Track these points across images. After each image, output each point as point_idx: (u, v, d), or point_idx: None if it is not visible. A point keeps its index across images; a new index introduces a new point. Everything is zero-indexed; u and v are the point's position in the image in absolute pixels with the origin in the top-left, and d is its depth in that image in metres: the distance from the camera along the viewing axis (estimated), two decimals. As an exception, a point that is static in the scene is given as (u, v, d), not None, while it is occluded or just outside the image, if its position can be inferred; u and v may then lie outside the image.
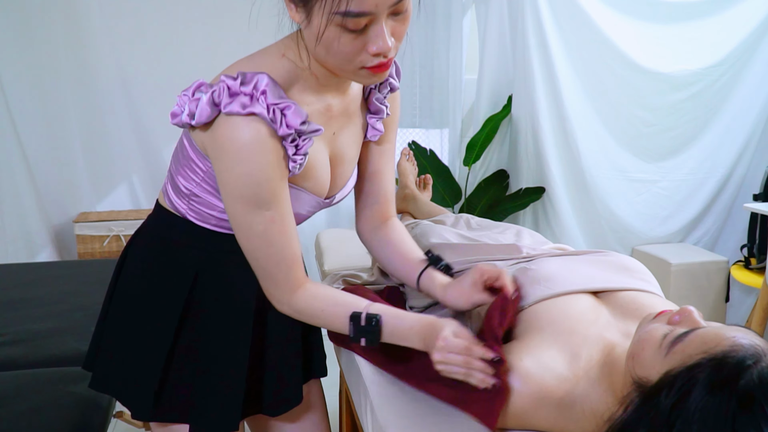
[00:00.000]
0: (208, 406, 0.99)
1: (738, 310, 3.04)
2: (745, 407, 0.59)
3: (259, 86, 0.82)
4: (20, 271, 2.02)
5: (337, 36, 0.78)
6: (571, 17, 2.78)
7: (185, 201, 0.96)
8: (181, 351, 0.99)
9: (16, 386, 1.25)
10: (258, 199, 0.86)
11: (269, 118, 0.82)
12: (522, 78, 2.88)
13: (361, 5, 0.74)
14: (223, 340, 1.00)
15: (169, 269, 1.00)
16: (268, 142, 0.83)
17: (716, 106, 3.00)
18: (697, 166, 3.06)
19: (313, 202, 0.99)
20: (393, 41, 0.80)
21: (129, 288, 1.04)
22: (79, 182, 2.82)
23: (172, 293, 0.99)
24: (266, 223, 0.87)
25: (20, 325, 1.57)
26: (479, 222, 1.60)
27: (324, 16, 0.76)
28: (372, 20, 0.77)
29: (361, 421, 1.09)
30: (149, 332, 0.99)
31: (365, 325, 0.91)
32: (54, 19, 2.63)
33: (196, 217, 0.97)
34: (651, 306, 0.98)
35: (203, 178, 0.92)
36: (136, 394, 1.01)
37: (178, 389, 1.00)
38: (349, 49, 0.79)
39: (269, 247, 0.89)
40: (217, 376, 0.99)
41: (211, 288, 1.00)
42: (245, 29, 2.87)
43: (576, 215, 3.00)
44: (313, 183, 0.96)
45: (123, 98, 2.78)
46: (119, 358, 1.02)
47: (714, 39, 2.91)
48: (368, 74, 0.84)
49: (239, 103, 0.81)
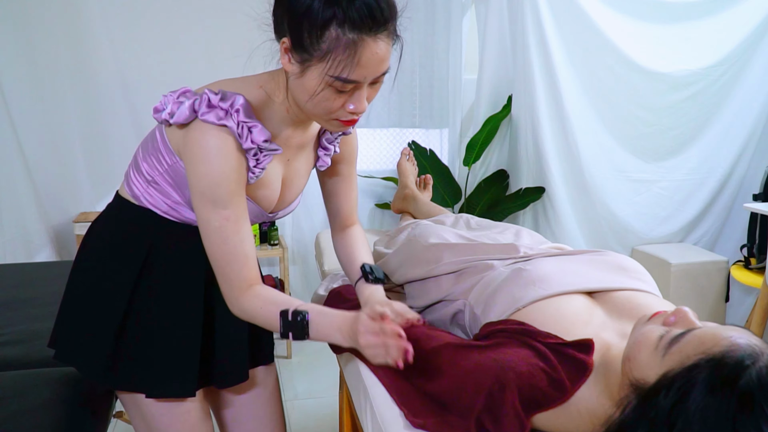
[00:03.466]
0: (164, 372, 1.09)
1: (738, 310, 3.05)
2: (745, 407, 0.59)
3: (235, 104, 0.95)
4: (20, 271, 2.02)
5: (328, 95, 0.92)
6: (571, 17, 2.78)
7: (144, 184, 1.08)
8: (135, 317, 1.08)
9: (15, 386, 1.25)
10: (216, 197, 0.97)
11: (237, 133, 0.96)
12: (522, 78, 2.88)
13: (355, 75, 0.89)
14: (176, 308, 1.10)
15: (124, 244, 1.11)
16: (233, 151, 0.96)
17: (716, 106, 3.00)
18: (696, 166, 3.06)
19: (258, 213, 1.11)
20: (366, 104, 0.95)
21: (86, 262, 1.14)
22: (80, 182, 2.82)
23: (125, 263, 1.09)
24: (221, 220, 0.98)
25: (20, 324, 1.57)
26: (479, 222, 1.60)
27: (322, 77, 0.90)
28: (357, 87, 0.92)
29: (361, 421, 1.09)
30: (104, 300, 1.09)
31: (291, 321, 0.98)
32: (53, 20, 2.63)
33: (150, 201, 1.08)
34: (647, 306, 0.98)
35: (166, 170, 1.04)
36: (91, 359, 1.10)
37: (133, 355, 1.08)
38: (331, 105, 0.94)
39: (223, 244, 0.99)
40: (171, 343, 1.09)
41: (164, 261, 1.10)
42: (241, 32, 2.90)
43: (576, 215, 3.00)
44: (263, 196, 1.09)
45: (122, 99, 2.78)
46: (77, 328, 1.12)
47: (714, 39, 2.91)
48: (339, 125, 0.99)
49: (215, 115, 0.94)
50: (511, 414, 0.83)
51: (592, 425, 0.82)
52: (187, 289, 1.11)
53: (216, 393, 1.27)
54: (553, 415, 0.86)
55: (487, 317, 1.08)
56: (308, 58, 0.90)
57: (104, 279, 1.10)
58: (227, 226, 0.98)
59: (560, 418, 0.86)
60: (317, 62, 0.89)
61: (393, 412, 0.96)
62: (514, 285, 1.07)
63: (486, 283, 1.15)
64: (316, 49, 0.88)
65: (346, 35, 0.86)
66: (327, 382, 2.56)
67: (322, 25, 0.86)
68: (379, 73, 0.93)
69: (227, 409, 1.30)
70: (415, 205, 1.95)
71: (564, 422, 0.86)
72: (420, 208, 1.92)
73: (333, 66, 0.88)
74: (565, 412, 0.86)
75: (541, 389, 0.84)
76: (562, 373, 0.85)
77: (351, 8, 0.85)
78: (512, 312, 1.03)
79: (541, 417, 0.86)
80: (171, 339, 1.09)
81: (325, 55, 0.88)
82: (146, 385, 1.09)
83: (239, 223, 1.00)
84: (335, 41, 0.87)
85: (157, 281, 1.10)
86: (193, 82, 3.10)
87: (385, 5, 0.89)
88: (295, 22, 0.89)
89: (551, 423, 0.87)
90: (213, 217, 0.98)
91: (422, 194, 2.03)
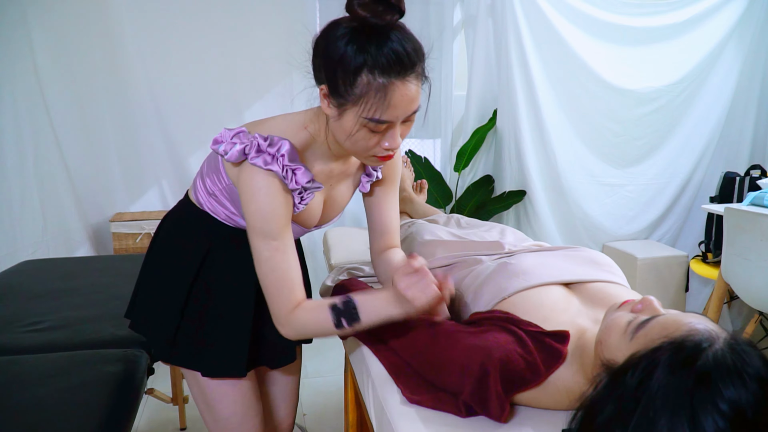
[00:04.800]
0: (219, 355, 1.10)
1: (696, 299, 3.05)
2: (702, 385, 0.59)
3: (281, 150, 0.94)
4: (62, 264, 2.02)
5: (363, 135, 0.91)
6: (549, 40, 2.78)
7: (206, 195, 1.09)
8: (195, 306, 1.10)
9: (58, 366, 1.25)
10: (265, 231, 0.96)
11: (282, 176, 0.95)
12: (506, 94, 2.89)
13: (387, 116, 0.88)
14: (230, 298, 1.11)
15: (188, 241, 1.12)
16: (279, 191, 0.96)
17: (677, 118, 3.00)
18: (660, 172, 3.07)
19: (299, 231, 1.11)
20: (400, 140, 0.94)
21: (157, 254, 1.17)
22: (115, 186, 2.83)
23: (188, 258, 1.11)
24: (271, 251, 0.97)
25: (61, 312, 1.57)
26: (468, 221, 1.60)
27: (357, 119, 0.88)
28: (390, 126, 0.91)
29: (364, 397, 1.09)
30: (170, 287, 1.12)
31: (343, 308, 0.95)
32: (92, 42, 2.64)
33: (210, 208, 1.10)
34: (617, 295, 0.98)
35: (224, 188, 1.05)
36: (157, 337, 1.14)
37: (192, 338, 1.10)
38: (368, 143, 0.92)
39: (272, 272, 0.98)
40: (226, 329, 1.10)
41: (221, 258, 1.11)
42: (262, 50, 2.90)
43: (553, 215, 3.00)
44: (305, 219, 1.08)
45: (153, 112, 2.79)
46: (148, 307, 1.16)
47: (675, 60, 2.92)
48: (376, 160, 0.97)
49: (263, 160, 0.93)
50: (494, 396, 0.83)
51: (569, 400, 0.82)
52: (240, 282, 1.11)
53: (263, 371, 1.30)
54: (534, 393, 0.86)
55: (476, 305, 1.08)
56: (344, 103, 0.88)
57: (171, 270, 1.12)
58: (276, 256, 0.97)
59: (541, 396, 0.86)
60: (352, 106, 0.88)
61: (392, 389, 0.96)
62: (501, 277, 1.07)
63: (475, 275, 1.15)
64: (350, 94, 0.86)
65: (376, 80, 0.85)
66: (333, 363, 2.56)
67: (354, 72, 0.85)
68: (410, 112, 0.91)
69: (274, 387, 1.33)
70: (411, 207, 1.95)
71: (544, 399, 0.87)
72: (416, 209, 1.92)
73: (366, 109, 0.86)
74: (544, 391, 0.86)
75: (518, 372, 0.84)
76: (538, 358, 0.85)
77: (379, 55, 0.84)
78: (499, 301, 1.03)
79: (523, 396, 0.87)
80: (225, 325, 1.10)
81: (358, 99, 0.86)
82: (203, 365, 1.11)
83: (287, 253, 0.98)
84: (367, 86, 0.85)
85: (215, 275, 1.11)
86: (214, 98, 3.12)
87: (412, 50, 0.87)
88: (331, 70, 0.87)
89: (533, 400, 0.87)
90: (263, 247, 0.96)
91: (418, 197, 2.03)
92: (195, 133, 2.83)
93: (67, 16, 2.58)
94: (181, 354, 1.12)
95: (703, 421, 0.57)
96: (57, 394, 1.14)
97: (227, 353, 1.11)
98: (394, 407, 0.91)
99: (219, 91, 2.82)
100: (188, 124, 2.83)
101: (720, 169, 2.97)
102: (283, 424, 1.36)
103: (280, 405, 1.34)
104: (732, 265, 2.10)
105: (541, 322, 0.93)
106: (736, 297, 2.63)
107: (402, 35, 0.86)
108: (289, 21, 2.74)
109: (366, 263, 1.59)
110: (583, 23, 2.80)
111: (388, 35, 0.85)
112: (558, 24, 2.77)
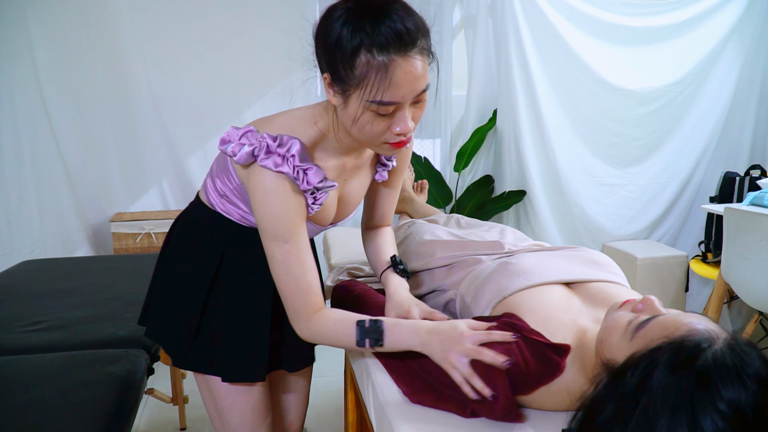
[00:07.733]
0: (237, 359, 1.07)
1: (696, 299, 3.05)
2: (702, 385, 0.59)
3: (291, 150, 0.91)
4: (61, 264, 2.02)
5: (369, 119, 0.85)
6: (549, 40, 2.78)
7: (217, 196, 1.06)
8: (212, 309, 1.07)
9: (59, 366, 1.25)
10: (277, 233, 0.93)
11: (293, 176, 0.91)
12: (505, 94, 2.89)
13: (391, 96, 0.82)
14: (247, 303, 1.08)
15: (202, 244, 1.09)
16: (291, 193, 0.92)
17: (677, 118, 3.00)
18: (660, 172, 3.07)
19: (314, 229, 1.07)
20: (412, 124, 0.88)
21: (171, 259, 1.14)
22: (115, 186, 2.84)
23: (203, 262, 1.08)
24: (284, 254, 0.94)
25: (61, 312, 1.57)
26: (468, 221, 1.60)
27: (360, 103, 0.84)
28: (398, 108, 0.85)
29: (364, 398, 1.09)
30: (187, 293, 1.08)
31: (369, 328, 0.94)
32: (91, 41, 2.64)
33: (223, 209, 1.06)
34: (617, 295, 0.98)
35: (234, 189, 1.02)
36: (175, 343, 1.10)
37: (210, 343, 1.07)
38: (377, 129, 0.87)
39: (286, 275, 0.95)
40: (244, 334, 1.07)
41: (237, 260, 1.08)
42: (262, 50, 2.91)
43: (553, 215, 3.00)
44: (320, 218, 1.04)
45: (153, 111, 2.79)
46: (163, 314, 1.13)
47: (675, 60, 2.91)
48: (389, 148, 0.91)
49: (273, 162, 0.90)
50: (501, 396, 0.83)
51: (570, 400, 0.82)
52: (257, 285, 1.08)
53: (277, 374, 1.26)
54: (535, 395, 0.86)
55: (477, 304, 1.08)
56: (347, 88, 0.84)
57: (186, 275, 1.09)
58: (289, 258, 0.94)
59: (543, 397, 0.87)
60: (354, 90, 0.83)
61: (392, 389, 0.96)
62: (501, 276, 1.07)
63: (475, 275, 1.15)
64: (351, 77, 0.82)
65: (375, 59, 0.80)
66: (333, 363, 2.55)
67: (351, 53, 0.81)
68: (418, 91, 0.84)
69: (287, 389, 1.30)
70: (412, 206, 1.95)
71: (546, 400, 0.87)
72: (416, 209, 1.92)
73: (368, 91, 0.82)
74: (547, 392, 0.86)
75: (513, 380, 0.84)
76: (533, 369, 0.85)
77: (376, 32, 0.79)
78: (500, 300, 1.03)
79: (525, 397, 0.87)
80: (244, 329, 1.07)
81: (360, 81, 0.82)
82: (222, 370, 1.07)
83: (301, 255, 0.95)
84: (366, 66, 0.81)
85: (232, 277, 1.08)
86: (214, 98, 3.12)
87: (412, 24, 0.81)
88: (330, 56, 0.84)
89: (534, 401, 0.87)
90: (276, 250, 0.94)
91: (418, 197, 2.03)
92: (195, 133, 2.84)
93: (66, 16, 2.59)
94: (200, 360, 1.09)
95: (703, 421, 0.57)
96: (57, 394, 1.14)
97: (247, 357, 1.08)
98: (394, 407, 0.91)
99: (219, 90, 2.82)
100: (188, 124, 2.83)
101: (720, 169, 2.97)
102: (292, 426, 1.34)
103: (291, 407, 1.32)
104: (732, 265, 2.10)
105: (542, 321, 0.93)
106: (736, 297, 2.63)
107: (401, 10, 0.82)
108: (289, 21, 2.74)
109: (366, 263, 1.59)
110: (583, 23, 2.80)
111: (385, 12, 0.80)
112: (558, 24, 2.77)
